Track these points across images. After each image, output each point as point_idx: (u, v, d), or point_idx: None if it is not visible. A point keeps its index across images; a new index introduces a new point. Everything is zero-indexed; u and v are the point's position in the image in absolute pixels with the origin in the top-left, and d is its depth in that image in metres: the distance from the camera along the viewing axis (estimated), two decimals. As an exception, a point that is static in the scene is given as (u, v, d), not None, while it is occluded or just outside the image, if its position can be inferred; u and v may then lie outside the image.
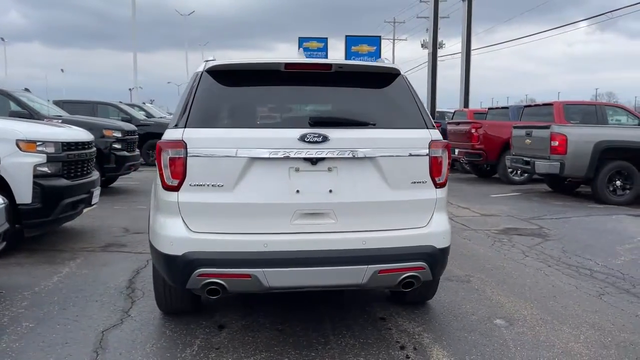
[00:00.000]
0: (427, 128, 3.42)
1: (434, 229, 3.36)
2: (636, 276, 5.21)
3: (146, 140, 14.70)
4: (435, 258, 3.33)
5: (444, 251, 3.39)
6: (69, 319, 3.96)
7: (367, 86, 3.52)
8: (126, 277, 5.00)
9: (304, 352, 3.43)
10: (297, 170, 3.18)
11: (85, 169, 6.55)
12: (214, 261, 3.10)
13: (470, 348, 3.50)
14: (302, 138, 3.15)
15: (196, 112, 3.27)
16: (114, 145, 10.27)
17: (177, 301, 3.86)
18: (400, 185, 3.30)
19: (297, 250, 3.11)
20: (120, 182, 11.68)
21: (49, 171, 5.82)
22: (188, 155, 3.16)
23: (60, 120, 9.22)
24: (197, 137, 3.18)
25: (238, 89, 3.44)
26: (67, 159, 6.06)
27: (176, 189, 3.19)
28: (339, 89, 3.47)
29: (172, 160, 3.19)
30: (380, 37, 37.14)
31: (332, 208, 3.20)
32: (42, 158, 5.73)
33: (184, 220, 3.18)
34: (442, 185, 3.42)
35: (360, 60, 38.08)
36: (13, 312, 4.05)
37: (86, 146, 6.61)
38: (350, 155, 3.19)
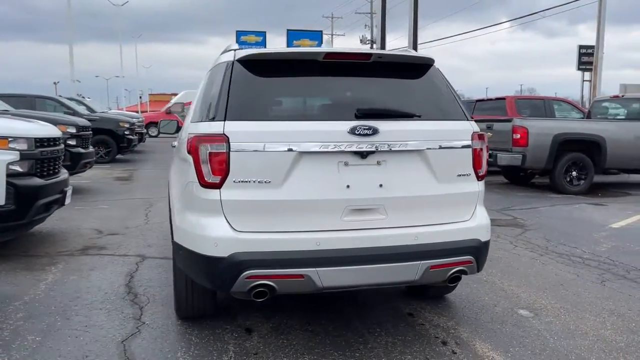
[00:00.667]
0: (467, 120, 3.38)
1: (479, 222, 3.32)
2: (626, 262, 5.44)
3: (93, 136, 13.93)
4: (481, 251, 3.29)
5: (487, 244, 3.36)
6: (77, 329, 3.63)
7: (405, 77, 3.42)
8: (121, 282, 4.68)
9: (347, 352, 3.31)
10: (346, 164, 3.05)
11: (56, 167, 6.09)
12: (264, 262, 2.91)
13: (509, 340, 3.50)
14: (353, 131, 3.02)
15: (234, 104, 3.06)
16: (68, 142, 9.60)
17: (200, 304, 3.63)
18: (447, 178, 3.23)
19: (350, 248, 2.99)
20: (71, 180, 10.99)
21: (22, 170, 5.34)
22: (231, 150, 2.95)
23: (9, 115, 8.53)
24: (240, 131, 2.98)
25: (274, 79, 3.25)
26: (41, 156, 5.60)
27: (218, 186, 2.97)
28: (378, 79, 3.36)
29: (213, 156, 2.97)
30: (322, 31, 37.13)
31: (383, 203, 3.09)
32: (15, 155, 5.26)
33: (227, 220, 2.97)
34: (483, 178, 3.39)
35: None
36: (12, 325, 3.68)
37: (57, 142, 6.15)
38: (401, 148, 3.09)
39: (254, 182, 2.96)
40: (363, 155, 3.04)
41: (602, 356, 3.28)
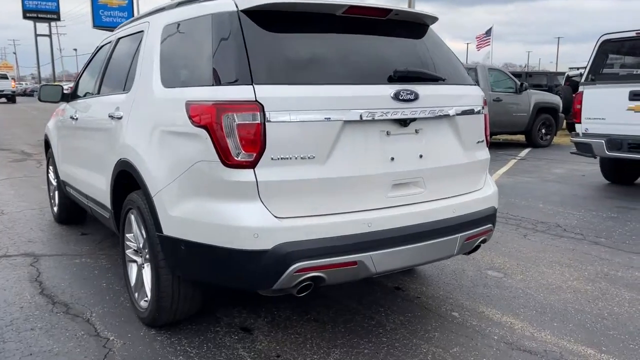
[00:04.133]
0: (474, 84, 3.28)
1: (494, 190, 3.27)
2: (526, 216, 5.98)
3: None
4: (496, 219, 3.26)
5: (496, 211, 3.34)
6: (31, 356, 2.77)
7: (419, 37, 3.15)
8: (33, 291, 3.72)
9: (372, 339, 3.04)
10: (388, 134, 2.72)
11: None
12: (313, 251, 2.48)
13: (507, 302, 3.57)
14: (397, 96, 2.69)
15: (258, 64, 2.51)
16: None
17: (186, 307, 3.04)
18: (470, 145, 3.11)
19: (399, 227, 2.70)
20: None
21: None
22: (267, 120, 2.43)
23: None
24: (277, 97, 2.46)
25: (291, 35, 2.73)
26: None
27: (251, 165, 2.43)
28: (396, 39, 3.03)
29: (244, 128, 2.42)
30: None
31: (422, 175, 2.84)
32: None
33: (264, 205, 2.46)
34: (488, 144, 3.34)
35: (110, 17, 34.45)
36: None
37: None
38: (438, 114, 2.87)
39: (297, 158, 2.49)
40: (406, 123, 2.75)
41: (601, 305, 3.52)
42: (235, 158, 2.43)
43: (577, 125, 7.48)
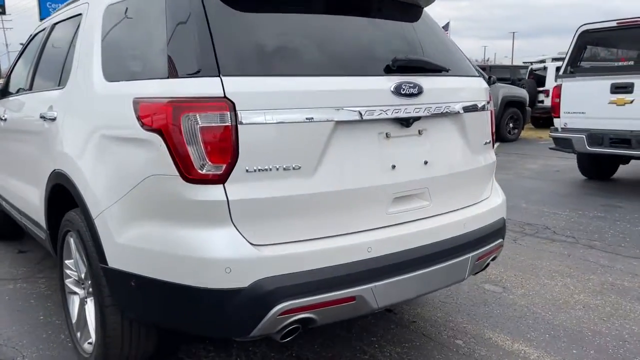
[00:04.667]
0: (479, 75, 2.81)
1: (502, 198, 2.81)
2: (510, 218, 5.60)
3: None
4: (505, 232, 2.81)
5: None
6: None
7: (409, 20, 2.65)
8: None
9: (368, 380, 2.55)
10: (387, 136, 2.22)
11: None
12: (303, 287, 1.96)
13: (514, 325, 3.13)
14: (397, 90, 2.19)
15: (226, 50, 1.97)
16: None
17: (140, 348, 2.46)
18: (477, 147, 2.64)
19: (404, 251, 2.20)
20: None
21: None
22: (240, 122, 1.89)
23: None
24: (252, 92, 1.93)
25: (266, 16, 2.18)
26: None
27: (220, 179, 1.89)
28: (389, 23, 2.52)
29: (210, 132, 1.88)
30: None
31: (428, 185, 2.35)
32: None
33: (238, 230, 1.92)
34: (494, 145, 2.88)
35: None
36: None
37: None
38: (444, 111, 2.38)
39: (278, 169, 1.95)
40: (408, 122, 2.25)
41: (618, 324, 3.12)
42: (199, 171, 1.88)
43: (555, 120, 7.17)
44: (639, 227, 5.27)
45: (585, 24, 6.95)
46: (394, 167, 2.21)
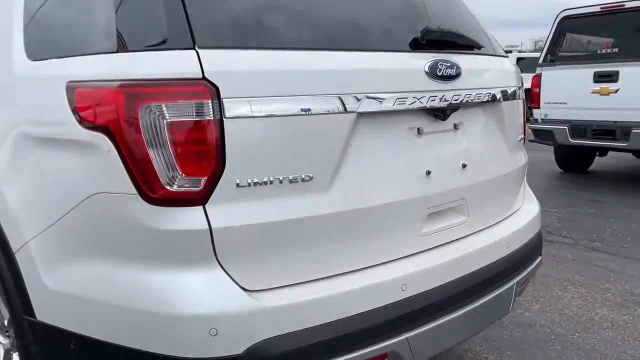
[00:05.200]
0: (505, 55, 2.29)
1: (537, 206, 2.31)
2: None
3: None
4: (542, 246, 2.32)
5: None
6: None
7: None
8: None
9: None
10: (419, 132, 1.67)
11: None
12: (320, 347, 1.39)
13: (536, 350, 2.66)
14: (433, 70, 1.64)
15: (204, 16, 1.36)
16: None
17: None
18: (513, 144, 2.13)
19: (442, 285, 1.66)
20: None
21: None
22: (225, 115, 1.29)
23: None
24: (242, 72, 1.33)
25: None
26: None
27: (199, 198, 1.30)
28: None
29: (182, 130, 1.28)
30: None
31: (465, 195, 1.82)
32: None
33: (225, 271, 1.33)
34: (524, 141, 2.37)
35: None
36: None
37: None
38: (487, 99, 1.85)
39: (281, 181, 1.37)
40: (444, 114, 1.70)
41: (644, 348, 2.69)
42: (167, 187, 1.28)
43: (535, 111, 6.81)
44: (634, 225, 4.94)
45: (566, 9, 6.61)
46: (428, 173, 1.66)
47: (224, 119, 1.29)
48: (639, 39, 6.02)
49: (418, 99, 1.59)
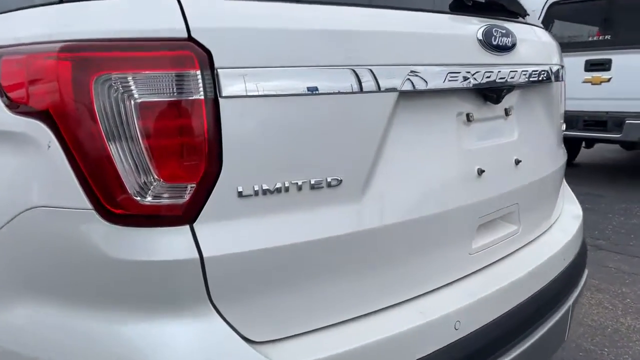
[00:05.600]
0: (542, 27, 1.93)
1: (578, 206, 1.97)
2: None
3: None
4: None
5: None
6: None
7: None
8: None
9: None
10: (468, 119, 1.29)
11: None
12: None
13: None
14: (487, 39, 1.26)
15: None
16: None
17: None
18: (559, 135, 1.78)
19: (498, 318, 1.29)
20: None
21: None
22: (221, 92, 0.88)
23: None
24: (245, 29, 0.92)
25: None
26: None
27: (185, 214, 0.89)
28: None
29: (158, 115, 0.86)
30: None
31: (518, 200, 1.45)
32: None
33: (223, 317, 0.93)
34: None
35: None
36: None
37: None
38: (543, 77, 1.49)
39: (301, 187, 0.97)
40: (498, 96, 1.32)
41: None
42: (138, 198, 0.87)
43: (522, 101, 6.52)
44: (634, 220, 4.70)
45: (555, -6, 6.32)
46: (481, 172, 1.28)
47: (219, 99, 0.88)
48: (633, 25, 5.77)
49: (472, 75, 1.20)
